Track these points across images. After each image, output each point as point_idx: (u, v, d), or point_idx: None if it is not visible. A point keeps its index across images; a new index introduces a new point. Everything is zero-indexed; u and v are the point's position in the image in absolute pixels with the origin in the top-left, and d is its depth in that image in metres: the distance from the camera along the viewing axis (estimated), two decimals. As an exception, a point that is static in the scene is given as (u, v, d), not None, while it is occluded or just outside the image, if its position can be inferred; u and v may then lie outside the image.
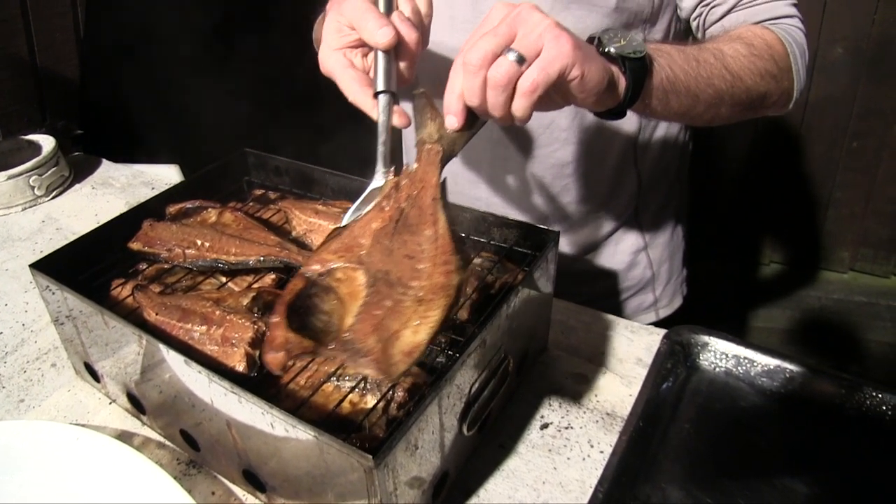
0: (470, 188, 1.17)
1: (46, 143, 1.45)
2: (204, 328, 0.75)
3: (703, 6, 1.01)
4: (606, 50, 0.75)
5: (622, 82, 0.76)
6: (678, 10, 1.03)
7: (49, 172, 1.40)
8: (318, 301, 0.62)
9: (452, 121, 0.71)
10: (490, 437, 0.82)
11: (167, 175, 1.48)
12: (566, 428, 0.84)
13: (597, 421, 0.85)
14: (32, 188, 1.38)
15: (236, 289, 0.85)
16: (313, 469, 0.65)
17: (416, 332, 0.57)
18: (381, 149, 0.74)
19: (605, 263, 1.22)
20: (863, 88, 2.15)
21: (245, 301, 0.78)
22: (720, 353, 0.90)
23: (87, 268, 0.88)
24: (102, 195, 1.44)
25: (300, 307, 0.61)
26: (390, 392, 0.69)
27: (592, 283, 1.23)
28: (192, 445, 0.80)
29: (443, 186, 0.68)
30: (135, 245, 0.90)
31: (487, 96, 0.67)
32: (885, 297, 2.32)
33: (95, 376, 0.90)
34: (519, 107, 0.67)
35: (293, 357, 0.57)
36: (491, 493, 0.77)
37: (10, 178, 1.36)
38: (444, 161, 0.69)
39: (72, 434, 0.82)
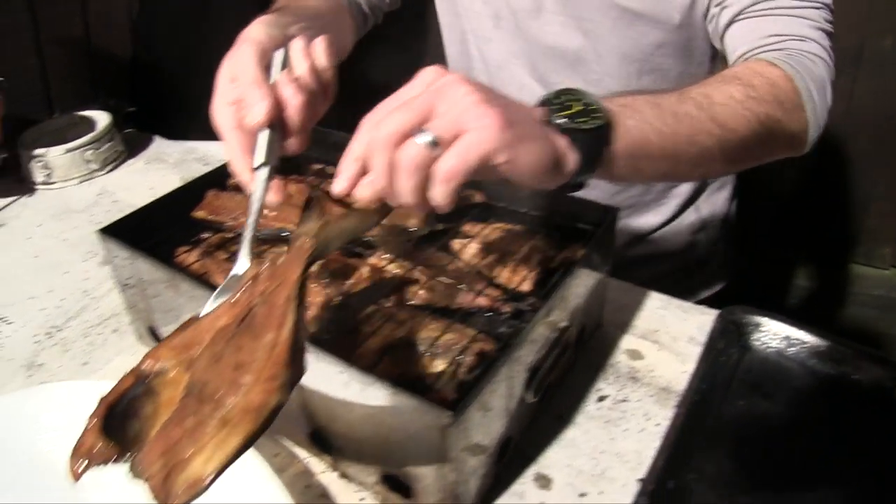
0: None
1: (101, 119, 1.49)
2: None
3: (715, 6, 0.94)
4: (554, 121, 0.63)
5: (571, 157, 0.63)
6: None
7: (105, 147, 1.43)
8: (139, 403, 0.56)
9: (340, 185, 0.62)
10: (549, 408, 0.83)
11: (219, 152, 1.50)
12: (622, 401, 0.85)
13: (651, 395, 0.86)
14: (88, 162, 1.41)
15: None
16: (386, 428, 0.66)
17: (206, 462, 0.50)
18: (247, 232, 0.68)
19: (664, 246, 1.24)
20: (912, 80, 2.13)
21: (312, 268, 0.79)
22: (773, 334, 0.91)
23: (152, 235, 0.90)
24: (156, 170, 1.47)
25: (122, 408, 0.56)
26: (461, 356, 0.71)
27: (651, 265, 1.24)
28: (257, 408, 0.81)
29: (303, 285, 0.60)
30: (199, 213, 0.93)
31: (394, 180, 0.58)
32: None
33: (157, 340, 0.92)
34: (437, 194, 0.57)
35: (95, 466, 0.53)
36: (550, 461, 0.79)
37: (67, 151, 1.39)
38: (312, 259, 0.61)
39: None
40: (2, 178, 1.44)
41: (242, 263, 0.67)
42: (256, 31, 0.75)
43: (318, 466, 0.80)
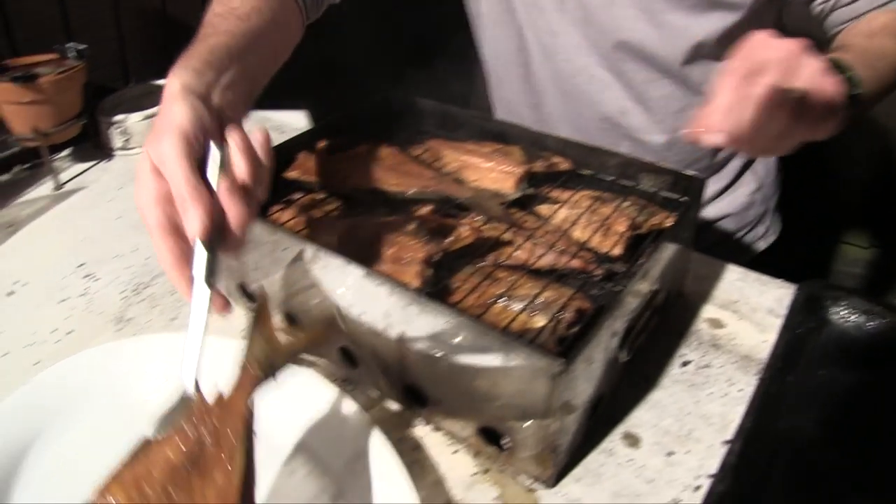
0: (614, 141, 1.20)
1: (176, 87, 1.51)
2: (375, 248, 0.79)
3: (833, 14, 1.01)
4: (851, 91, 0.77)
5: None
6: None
7: (181, 114, 1.46)
8: None
9: (718, 138, 0.65)
10: (635, 370, 0.85)
11: (295, 121, 1.53)
12: (705, 367, 0.87)
13: (734, 362, 0.87)
14: (166, 128, 1.44)
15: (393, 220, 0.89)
16: (489, 380, 0.68)
17: None
18: (192, 353, 0.64)
19: (725, 210, 1.26)
20: None
21: (410, 227, 0.82)
22: (852, 308, 0.91)
23: None
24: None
25: None
26: (560, 314, 0.72)
27: (713, 230, 1.26)
28: (349, 363, 0.84)
29: (250, 417, 0.60)
30: (292, 174, 0.95)
31: (755, 133, 0.65)
32: None
33: (249, 297, 0.94)
34: (784, 147, 0.72)
35: None
36: (638, 421, 0.80)
37: (145, 118, 1.42)
38: (259, 386, 0.61)
39: (233, 346, 0.87)
40: (81, 143, 1.47)
41: (189, 386, 0.63)
42: (179, 114, 0.65)
43: (412, 420, 0.82)
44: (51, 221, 1.28)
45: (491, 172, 0.91)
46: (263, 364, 0.62)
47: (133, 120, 1.42)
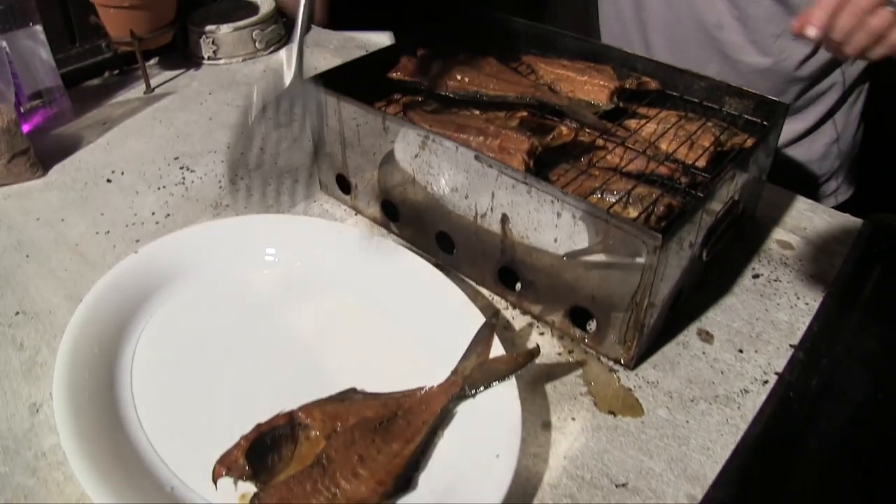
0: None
1: (264, 2, 1.58)
2: (481, 139, 0.85)
3: None
4: None
5: None
6: None
7: (269, 29, 1.53)
8: (282, 442, 0.67)
9: (811, 31, 0.75)
10: (711, 277, 0.91)
11: (379, 40, 1.59)
12: (775, 280, 0.92)
13: (801, 280, 0.93)
14: (254, 41, 1.51)
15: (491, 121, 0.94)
16: (586, 259, 0.74)
17: None
18: (297, 42, 0.78)
19: (803, 155, 1.30)
20: None
21: (513, 123, 0.88)
22: (916, 242, 0.96)
23: (349, 91, 0.96)
24: (318, 54, 1.56)
25: (269, 438, 0.67)
26: (652, 207, 0.78)
27: (788, 173, 1.30)
28: (445, 249, 0.90)
29: (442, 416, 0.71)
30: (396, 75, 1.01)
31: (853, 36, 0.75)
32: None
33: (346, 188, 1.01)
34: (880, 52, 0.77)
35: (231, 477, 0.65)
36: (711, 321, 0.87)
37: (235, 29, 1.49)
38: (458, 397, 0.72)
39: (333, 228, 0.94)
40: (169, 53, 1.53)
41: (288, 74, 0.78)
42: None
43: (501, 304, 0.88)
44: (143, 120, 1.34)
45: (585, 85, 0.96)
46: (469, 380, 0.72)
47: (223, 31, 1.49)
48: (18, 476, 0.70)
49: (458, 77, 0.97)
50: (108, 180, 1.15)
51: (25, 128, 1.18)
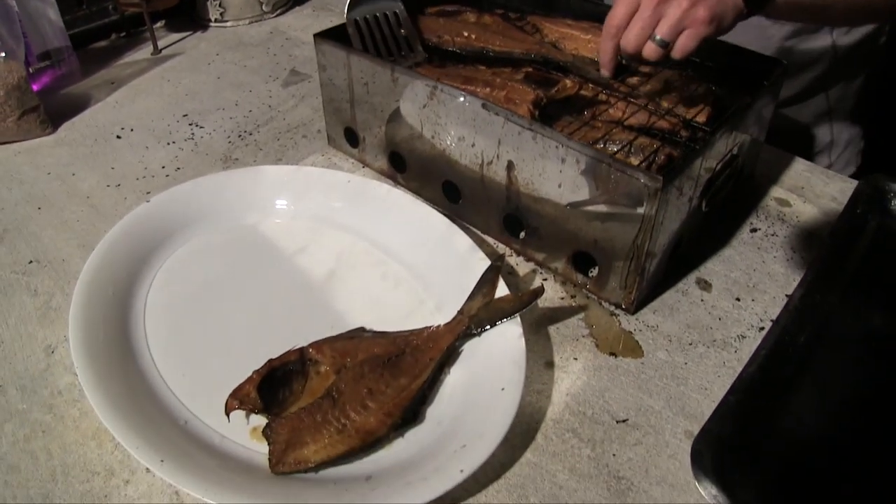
0: None
1: (270, -34, 1.60)
2: (488, 90, 0.88)
3: None
4: None
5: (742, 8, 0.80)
6: None
7: (276, -10, 1.55)
8: (293, 377, 0.70)
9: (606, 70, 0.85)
10: (710, 228, 0.94)
11: (391, 5, 1.61)
12: (772, 235, 0.95)
13: (798, 235, 0.96)
14: (261, 4, 1.54)
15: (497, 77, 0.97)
16: (590, 204, 0.77)
17: (315, 453, 0.64)
18: None
19: (789, 123, 1.32)
20: None
21: (518, 76, 0.90)
22: (913, 202, 0.99)
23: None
24: (325, 16, 1.59)
25: (280, 373, 0.70)
26: (653, 156, 0.81)
27: (777, 139, 1.32)
28: (451, 198, 0.93)
29: (448, 353, 0.74)
30: (404, 31, 1.03)
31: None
32: None
33: (354, 141, 1.03)
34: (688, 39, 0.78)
35: (243, 409, 0.68)
36: (710, 271, 0.90)
37: (241, -8, 1.50)
38: (465, 335, 0.75)
39: (343, 178, 0.96)
40: (177, 14, 1.56)
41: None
42: None
43: (506, 251, 0.91)
44: (152, 80, 1.37)
45: (589, 43, 0.99)
46: (475, 319, 0.75)
47: (230, -6, 1.50)
48: (36, 412, 0.72)
49: (465, 34, 1.00)
50: (118, 136, 1.18)
51: (35, 87, 1.20)
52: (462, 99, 0.82)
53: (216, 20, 1.53)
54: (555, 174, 0.78)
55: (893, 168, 1.48)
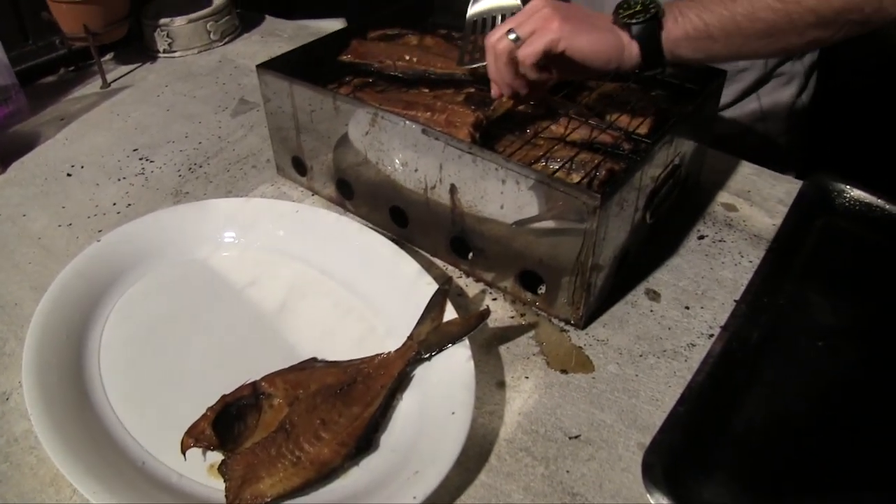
0: None
1: (216, -6, 1.62)
2: (428, 114, 0.89)
3: None
4: (617, 20, 0.84)
5: (633, 47, 0.82)
6: None
7: (223, 20, 1.57)
8: (247, 412, 0.72)
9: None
10: (657, 239, 0.96)
11: (332, 27, 1.63)
12: (720, 241, 0.98)
13: (745, 239, 0.98)
14: (209, 33, 1.55)
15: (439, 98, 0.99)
16: (532, 225, 0.79)
17: (271, 487, 0.66)
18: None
19: (727, 128, 1.35)
20: None
21: (459, 98, 0.92)
22: (854, 200, 1.02)
23: (301, 75, 1.00)
24: (273, 42, 1.61)
25: (234, 409, 0.71)
26: (594, 171, 0.83)
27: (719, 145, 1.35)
28: (399, 222, 0.95)
29: (399, 379, 0.76)
30: (346, 57, 1.05)
31: (497, 65, 0.85)
32: None
33: (302, 170, 1.05)
34: (523, 70, 0.84)
35: (199, 447, 0.70)
36: (659, 280, 0.92)
37: (189, 21, 1.52)
38: (415, 360, 0.77)
39: (291, 207, 0.98)
40: (125, 47, 1.57)
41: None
42: None
43: (455, 273, 0.93)
44: (101, 114, 1.37)
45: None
46: (424, 344, 0.77)
47: (178, 24, 1.52)
48: None
49: (407, 57, 1.01)
50: (69, 174, 1.18)
51: (-18, 126, 1.21)
52: (403, 125, 0.84)
53: (165, 51, 1.54)
54: (496, 196, 0.79)
55: (835, 166, 1.51)
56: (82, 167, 1.20)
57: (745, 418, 0.75)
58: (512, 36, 0.82)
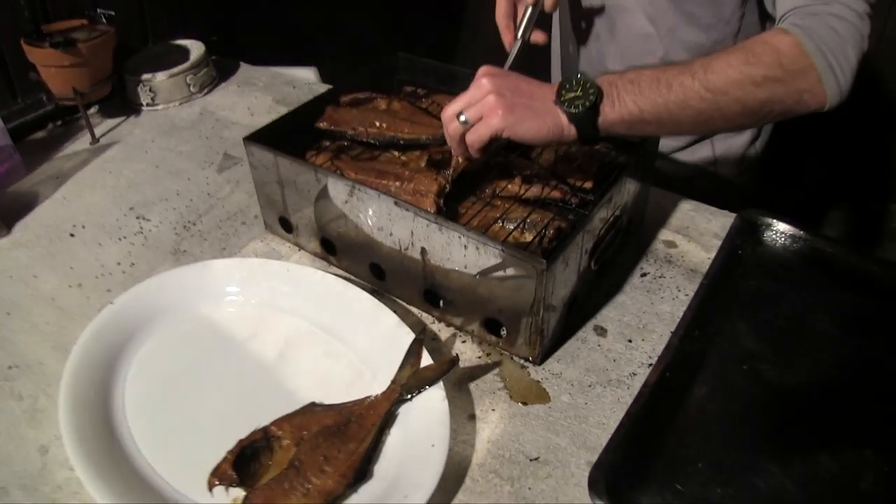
0: None
1: (193, 47, 1.80)
2: (399, 183, 1.09)
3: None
4: (557, 102, 0.97)
5: (570, 128, 0.97)
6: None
7: (202, 72, 1.76)
8: (261, 452, 0.89)
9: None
10: (604, 279, 1.16)
11: (305, 76, 1.82)
12: (660, 277, 1.19)
13: (683, 274, 1.19)
14: (189, 85, 1.74)
15: (408, 161, 1.20)
16: (492, 280, 0.99)
17: None
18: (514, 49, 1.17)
19: (680, 171, 1.55)
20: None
21: (422, 163, 1.13)
22: (780, 232, 1.21)
23: (283, 142, 1.19)
24: (249, 92, 1.80)
25: (250, 451, 0.89)
26: (544, 231, 1.04)
27: (672, 185, 1.56)
28: (377, 276, 1.15)
29: (386, 418, 0.94)
30: (322, 124, 1.25)
31: (449, 142, 1.04)
32: None
33: (288, 228, 1.25)
34: (470, 152, 1.03)
35: (221, 484, 0.86)
36: (605, 317, 1.12)
37: (170, 76, 1.71)
38: (398, 401, 0.95)
39: (281, 266, 1.18)
40: (108, 100, 1.75)
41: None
42: None
43: (429, 319, 1.13)
44: (94, 172, 1.55)
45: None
46: (405, 387, 0.95)
47: (159, 78, 1.71)
48: None
49: (377, 124, 1.21)
50: (72, 234, 1.36)
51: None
52: (377, 197, 1.04)
53: (147, 104, 1.72)
54: (460, 257, 0.99)
55: (773, 197, 1.73)
56: (83, 227, 1.37)
57: (676, 436, 0.95)
58: (462, 118, 0.98)
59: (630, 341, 1.08)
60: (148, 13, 1.86)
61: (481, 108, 0.97)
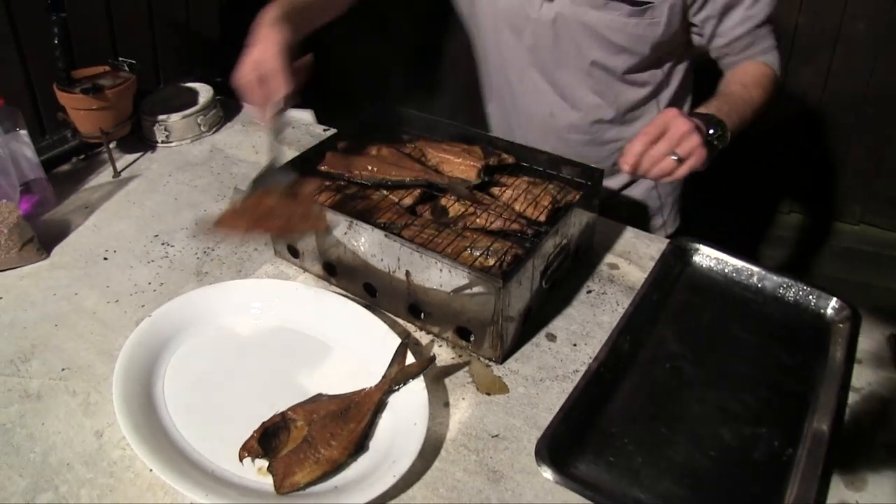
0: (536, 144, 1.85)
1: (201, 89, 2.12)
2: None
3: (725, 59, 1.73)
4: (708, 139, 1.42)
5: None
6: (703, 46, 1.76)
7: (211, 113, 2.08)
8: (280, 432, 1.12)
9: (627, 166, 1.42)
10: (555, 295, 1.48)
11: (303, 117, 2.12)
12: (603, 293, 1.52)
13: (622, 291, 1.51)
14: (199, 125, 2.06)
15: (395, 199, 1.56)
16: (461, 296, 1.31)
17: (302, 477, 1.07)
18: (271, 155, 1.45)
19: (629, 198, 1.92)
20: (881, 60, 2.82)
21: (407, 202, 1.49)
22: (706, 256, 1.54)
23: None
24: (253, 132, 2.11)
25: (271, 430, 1.12)
26: (504, 257, 1.39)
27: (623, 211, 1.93)
28: (370, 293, 1.47)
29: (377, 406, 1.20)
30: (324, 167, 1.59)
31: (654, 171, 1.38)
32: (891, 248, 3.04)
33: (295, 254, 1.58)
34: (698, 168, 1.39)
35: (249, 456, 1.10)
36: (555, 326, 1.44)
37: (183, 117, 2.03)
38: (388, 392, 1.21)
39: (292, 286, 1.54)
40: (126, 137, 1.98)
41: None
42: (276, 33, 1.40)
43: (412, 327, 1.46)
44: (119, 203, 1.83)
45: (460, 165, 1.56)
46: (393, 380, 1.22)
47: (173, 119, 2.02)
48: (101, 478, 1.08)
49: (369, 167, 1.54)
50: (105, 258, 1.63)
51: (20, 215, 1.63)
52: (370, 230, 1.38)
53: (162, 141, 2.04)
54: (437, 278, 1.33)
55: (709, 216, 2.12)
56: (115, 251, 1.64)
57: (607, 417, 1.23)
58: (674, 157, 1.36)
59: (575, 345, 1.40)
60: (161, 58, 2.20)
61: (691, 143, 1.37)
